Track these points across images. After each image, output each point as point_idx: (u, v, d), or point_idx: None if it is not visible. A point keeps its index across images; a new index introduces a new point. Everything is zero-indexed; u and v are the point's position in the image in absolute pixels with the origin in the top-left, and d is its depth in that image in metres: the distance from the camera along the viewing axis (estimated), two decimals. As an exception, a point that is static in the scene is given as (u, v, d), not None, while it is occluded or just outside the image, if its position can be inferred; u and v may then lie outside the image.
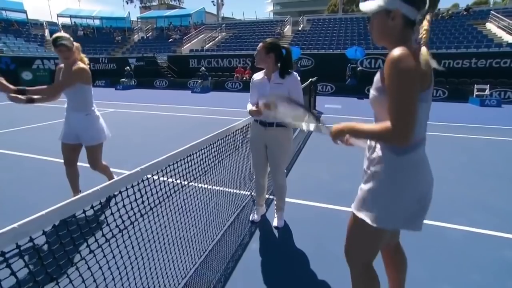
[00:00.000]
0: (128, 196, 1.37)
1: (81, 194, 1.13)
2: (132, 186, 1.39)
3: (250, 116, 2.45)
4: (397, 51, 1.04)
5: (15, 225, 0.87)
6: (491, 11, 17.82)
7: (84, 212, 1.15)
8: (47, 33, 25.80)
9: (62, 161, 2.82)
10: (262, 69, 2.39)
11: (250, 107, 2.39)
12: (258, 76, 2.42)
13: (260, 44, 2.30)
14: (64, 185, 2.88)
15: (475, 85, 12.04)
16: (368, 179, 1.26)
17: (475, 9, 20.48)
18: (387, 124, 1.06)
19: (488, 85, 11.86)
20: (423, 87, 1.09)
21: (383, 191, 1.20)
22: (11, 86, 2.34)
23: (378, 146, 1.24)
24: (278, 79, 2.28)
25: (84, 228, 1.18)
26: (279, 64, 2.31)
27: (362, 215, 1.25)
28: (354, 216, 1.32)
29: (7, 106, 9.98)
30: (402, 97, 1.03)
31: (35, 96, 2.43)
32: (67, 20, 28.31)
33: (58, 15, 27.95)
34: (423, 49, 1.11)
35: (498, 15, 16.82)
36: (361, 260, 1.37)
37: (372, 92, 1.22)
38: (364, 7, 1.22)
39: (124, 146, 5.13)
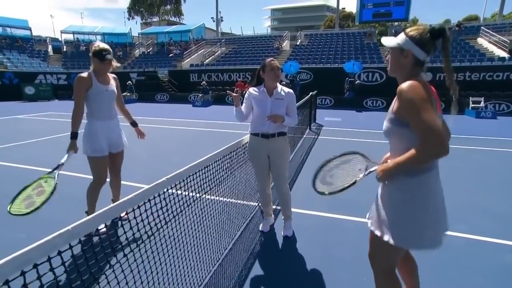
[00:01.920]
0: (151, 207, 1.45)
1: (113, 204, 1.20)
2: (159, 195, 1.49)
3: (250, 130, 2.57)
4: (405, 84, 1.22)
5: (68, 227, 0.97)
6: (482, 27, 18.48)
7: (105, 225, 1.25)
8: (50, 48, 26.30)
9: (71, 173, 2.88)
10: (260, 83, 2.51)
11: (236, 113, 2.50)
12: (256, 90, 2.50)
13: (277, 64, 2.42)
14: (74, 198, 2.95)
15: (470, 98, 12.33)
16: (382, 199, 1.38)
17: (466, 25, 21.21)
18: (420, 147, 1.16)
19: (483, 98, 12.17)
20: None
21: (398, 212, 1.32)
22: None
23: None
24: (279, 95, 2.43)
25: (112, 237, 1.27)
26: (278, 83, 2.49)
27: (379, 234, 1.36)
28: (372, 232, 1.43)
29: (8, 121, 10.10)
30: (423, 115, 1.14)
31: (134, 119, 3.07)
32: (70, 36, 28.93)
33: (62, 32, 28.58)
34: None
35: (489, 31, 17.43)
36: (384, 266, 1.47)
37: (386, 123, 1.36)
38: (384, 41, 1.40)
39: (129, 159, 5.21)
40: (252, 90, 2.53)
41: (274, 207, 3.18)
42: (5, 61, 21.24)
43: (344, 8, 48.38)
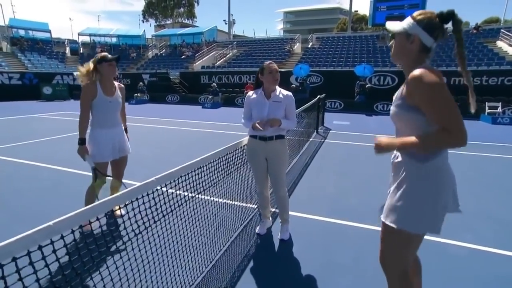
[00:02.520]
0: (138, 206, 1.48)
1: (101, 201, 1.25)
2: (148, 195, 1.51)
3: (248, 132, 2.56)
4: (418, 70, 1.17)
5: (50, 223, 1.00)
6: (502, 29, 17.87)
7: (98, 219, 1.27)
8: (67, 50, 27.26)
9: (78, 171, 2.97)
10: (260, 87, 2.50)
11: (245, 122, 2.51)
12: (254, 94, 2.51)
13: (276, 67, 2.43)
14: (79, 195, 3.03)
15: (486, 103, 11.94)
16: (394, 188, 1.34)
17: (485, 27, 20.59)
18: (443, 132, 1.12)
19: (500, 103, 11.74)
20: None
21: (409, 198, 1.28)
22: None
23: (402, 154, 1.32)
24: (277, 98, 2.43)
25: (103, 232, 1.30)
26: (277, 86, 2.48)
27: (391, 223, 1.31)
28: (384, 225, 1.38)
29: (26, 120, 10.49)
30: (445, 103, 1.12)
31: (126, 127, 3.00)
32: (86, 38, 29.87)
33: (79, 34, 29.53)
34: None
35: (509, 33, 16.84)
36: (398, 268, 1.41)
37: (392, 108, 1.34)
38: (389, 25, 1.35)
39: (134, 159, 5.32)
40: (250, 93, 2.55)
41: (273, 210, 3.17)
42: (26, 62, 22.17)
43: (357, 11, 47.89)
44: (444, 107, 1.13)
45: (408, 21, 1.26)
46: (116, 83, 2.77)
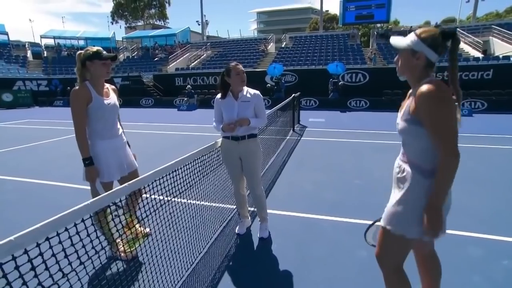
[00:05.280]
0: (116, 210, 1.46)
1: (72, 208, 1.21)
2: (121, 201, 1.48)
3: (221, 133, 2.56)
4: (425, 87, 1.22)
5: (11, 238, 0.96)
6: (457, 29, 19.17)
7: (76, 225, 1.24)
8: (29, 54, 25.62)
9: (47, 182, 2.83)
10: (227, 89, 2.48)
11: (216, 125, 2.53)
12: (222, 95, 2.52)
13: (242, 68, 2.43)
14: (49, 206, 2.89)
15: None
16: (396, 196, 1.40)
17: (443, 26, 21.94)
18: (444, 161, 1.21)
19: (460, 96, 12.60)
20: None
21: (409, 205, 1.34)
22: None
23: (407, 168, 1.37)
24: (245, 98, 2.46)
25: (74, 241, 1.26)
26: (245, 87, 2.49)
27: (390, 228, 1.39)
28: (383, 228, 1.46)
29: (-13, 129, 9.74)
30: (445, 122, 1.19)
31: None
32: (50, 41, 28.25)
33: (42, 36, 27.89)
34: None
35: (464, 32, 18.13)
36: (392, 264, 1.50)
37: (402, 123, 1.36)
38: (394, 41, 1.37)
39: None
40: (218, 96, 2.56)
41: (251, 209, 3.20)
42: (-20, 68, 20.56)
43: (328, 11, 49.18)
44: (443, 125, 1.20)
45: (412, 38, 1.29)
46: (107, 85, 2.33)
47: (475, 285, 2.06)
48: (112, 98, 2.30)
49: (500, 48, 16.84)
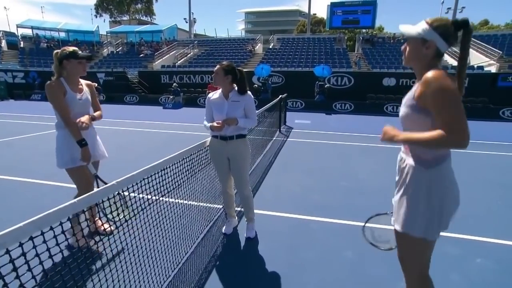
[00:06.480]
0: (104, 209, 1.42)
1: (58, 207, 1.18)
2: (108, 199, 1.45)
3: (210, 132, 2.56)
4: (431, 72, 1.19)
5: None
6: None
7: (61, 224, 1.20)
8: (4, 43, 24.40)
9: (21, 179, 2.71)
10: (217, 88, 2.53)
11: (206, 123, 2.52)
12: (214, 95, 2.54)
13: (218, 67, 2.42)
14: (28, 205, 2.77)
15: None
16: (399, 191, 1.38)
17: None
18: (440, 132, 1.14)
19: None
20: None
21: (413, 203, 1.31)
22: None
23: (409, 159, 1.34)
24: (235, 98, 2.46)
25: (60, 240, 1.22)
26: (234, 85, 2.48)
27: (401, 229, 1.34)
28: (395, 230, 1.41)
29: (-42, 122, 9.19)
30: (455, 105, 1.14)
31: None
32: (28, 31, 26.98)
33: (18, 26, 26.59)
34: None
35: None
36: (415, 271, 1.42)
37: (404, 109, 1.33)
38: (404, 29, 1.33)
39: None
40: (210, 94, 2.57)
41: (238, 209, 3.20)
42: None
43: (316, 14, 49.94)
44: (454, 108, 1.14)
45: (424, 27, 1.25)
46: (82, 81, 2.51)
47: (453, 283, 2.17)
48: (85, 94, 2.49)
49: (475, 58, 17.72)
